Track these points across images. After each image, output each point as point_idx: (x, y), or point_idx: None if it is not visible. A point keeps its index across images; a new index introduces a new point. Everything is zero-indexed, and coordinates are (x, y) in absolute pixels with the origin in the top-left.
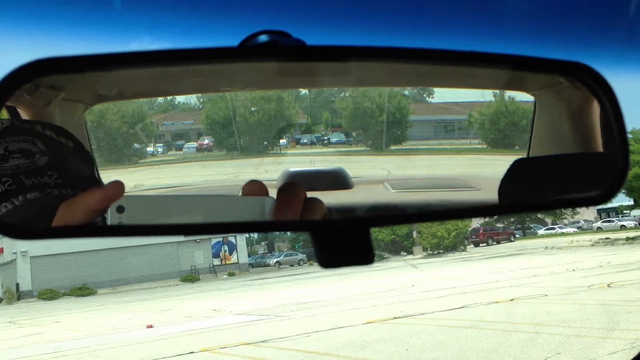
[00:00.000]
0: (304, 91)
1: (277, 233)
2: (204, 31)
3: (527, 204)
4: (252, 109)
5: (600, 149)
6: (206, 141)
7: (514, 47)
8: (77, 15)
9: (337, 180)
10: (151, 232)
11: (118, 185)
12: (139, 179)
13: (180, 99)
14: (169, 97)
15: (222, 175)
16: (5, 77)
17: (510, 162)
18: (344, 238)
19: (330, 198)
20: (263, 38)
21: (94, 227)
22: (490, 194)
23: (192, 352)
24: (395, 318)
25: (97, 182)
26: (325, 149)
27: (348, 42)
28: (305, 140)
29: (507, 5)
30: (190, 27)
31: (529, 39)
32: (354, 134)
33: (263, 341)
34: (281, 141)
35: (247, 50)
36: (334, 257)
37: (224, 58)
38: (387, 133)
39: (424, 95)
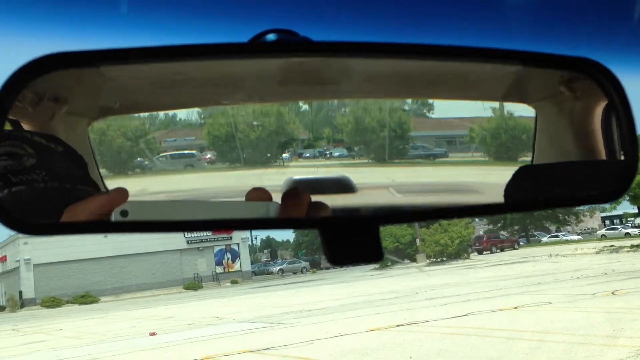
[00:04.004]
0: (304, 107)
1: (280, 240)
2: (210, 33)
3: (532, 201)
4: (254, 123)
5: (603, 157)
6: (209, 155)
7: (519, 46)
8: (80, 17)
9: (341, 185)
10: (156, 228)
11: (121, 192)
12: (143, 186)
13: (181, 115)
14: (170, 113)
15: (226, 184)
16: (18, 70)
17: (514, 171)
18: (353, 235)
19: (334, 203)
20: (271, 37)
21: (99, 223)
22: (494, 198)
23: None
24: (398, 325)
25: (91, 181)
26: (328, 162)
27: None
28: (307, 155)
29: (511, 4)
30: (196, 28)
31: (535, 38)
32: (356, 148)
33: (266, 349)
34: (284, 155)
35: (258, 46)
36: (342, 253)
37: (234, 54)
38: (390, 147)
39: (424, 111)
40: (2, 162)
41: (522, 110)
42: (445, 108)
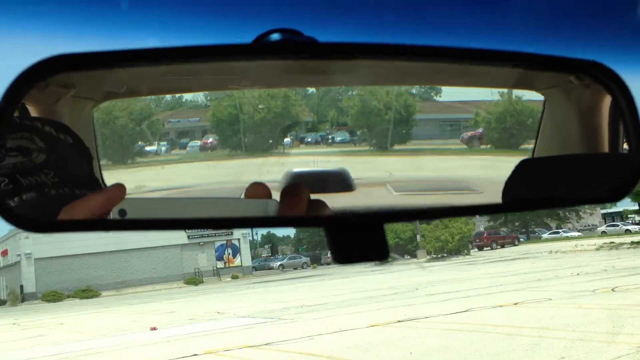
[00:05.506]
0: (311, 90)
1: (281, 236)
2: (213, 32)
3: (533, 201)
4: (260, 106)
5: (607, 149)
6: (210, 139)
7: (522, 46)
8: (82, 16)
9: (340, 182)
10: (155, 226)
11: (119, 189)
12: (142, 180)
13: (187, 97)
14: (177, 95)
15: (225, 176)
16: (24, 71)
17: (515, 163)
18: (360, 234)
19: (332, 200)
20: (275, 37)
21: (98, 222)
22: (492, 197)
23: (196, 355)
24: (399, 321)
25: (96, 180)
26: (329, 149)
27: (358, 40)
28: (309, 139)
29: (514, 3)
30: (198, 27)
31: (538, 38)
32: (358, 132)
33: (267, 344)
34: (285, 140)
35: (262, 47)
36: (349, 252)
37: (238, 55)
38: (393, 132)
39: (432, 94)
40: (13, 159)
41: (531, 95)
42: (452, 92)
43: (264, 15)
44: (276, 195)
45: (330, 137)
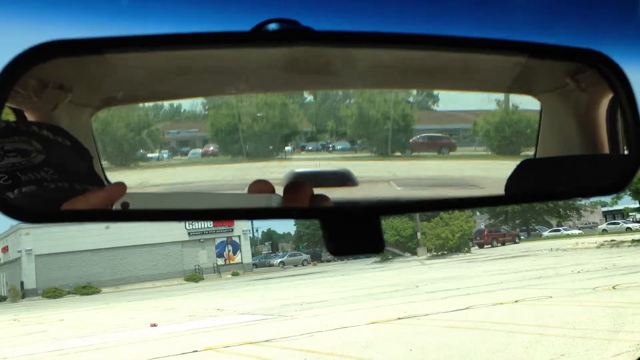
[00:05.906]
0: (308, 98)
1: (281, 233)
2: (211, 23)
3: (533, 193)
4: (258, 114)
5: (607, 150)
6: (211, 147)
7: (523, 37)
8: (82, 5)
9: (343, 178)
10: (157, 217)
11: (120, 186)
12: (144, 178)
13: (185, 106)
14: (174, 104)
15: (229, 176)
16: (17, 56)
17: (516, 165)
18: (354, 226)
19: (336, 195)
20: (273, 26)
21: (99, 212)
22: (495, 192)
23: (196, 351)
24: (399, 319)
25: (96, 177)
26: (330, 155)
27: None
28: (310, 148)
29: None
30: (197, 18)
31: (537, 31)
32: (358, 141)
33: (266, 340)
34: (286, 148)
35: (260, 35)
36: (344, 245)
37: (236, 42)
38: (392, 140)
39: (429, 103)
40: (12, 159)
41: (527, 104)
42: (449, 100)
43: (262, 9)
44: (279, 192)
45: (330, 145)
